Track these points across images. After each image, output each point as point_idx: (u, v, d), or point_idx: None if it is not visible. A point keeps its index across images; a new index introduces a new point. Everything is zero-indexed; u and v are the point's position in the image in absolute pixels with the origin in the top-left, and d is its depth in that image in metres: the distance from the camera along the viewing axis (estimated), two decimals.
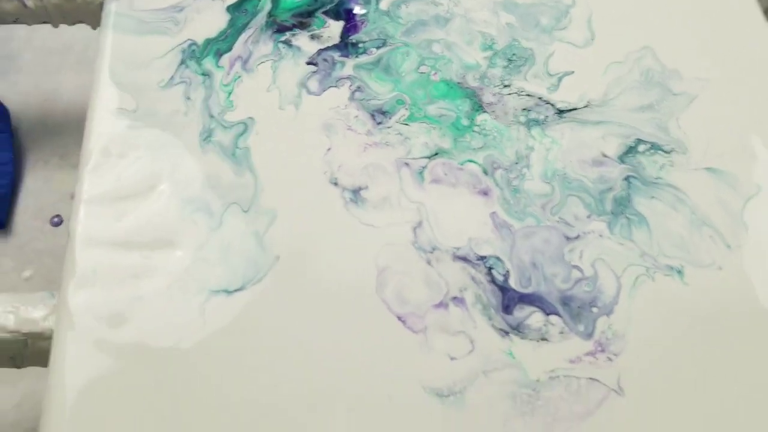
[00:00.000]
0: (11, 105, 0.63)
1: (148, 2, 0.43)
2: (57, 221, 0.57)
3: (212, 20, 0.43)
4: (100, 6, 0.49)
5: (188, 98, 0.39)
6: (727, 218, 0.36)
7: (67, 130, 0.61)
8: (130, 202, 0.36)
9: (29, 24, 0.51)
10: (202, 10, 0.43)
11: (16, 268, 0.56)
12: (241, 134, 0.38)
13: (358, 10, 0.43)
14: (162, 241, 0.35)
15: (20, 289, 0.55)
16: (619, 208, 0.36)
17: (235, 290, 0.33)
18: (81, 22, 0.51)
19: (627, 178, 0.37)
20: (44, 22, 0.51)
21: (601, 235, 0.35)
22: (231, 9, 0.43)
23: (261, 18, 0.43)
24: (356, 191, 0.36)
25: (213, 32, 0.42)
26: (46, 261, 0.56)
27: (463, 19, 0.43)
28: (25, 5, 0.49)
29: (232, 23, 0.43)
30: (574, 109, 0.39)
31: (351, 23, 0.43)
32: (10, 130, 0.61)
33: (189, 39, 0.42)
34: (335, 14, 0.43)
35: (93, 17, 0.50)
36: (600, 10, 0.42)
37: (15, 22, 0.51)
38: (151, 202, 0.36)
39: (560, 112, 0.39)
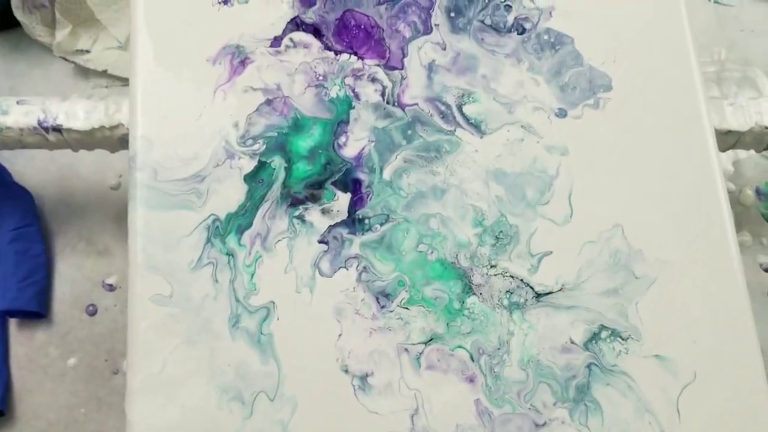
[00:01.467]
0: (30, 183, 0.67)
1: (171, 172, 0.47)
2: (92, 310, 0.63)
3: (232, 191, 0.47)
4: (119, 140, 0.53)
5: (216, 281, 0.45)
6: (666, 405, 0.43)
7: (88, 210, 0.65)
8: (174, 389, 0.43)
9: (50, 150, 0.54)
10: (222, 180, 0.47)
11: (62, 356, 0.63)
12: (264, 319, 0.44)
13: (363, 177, 0.47)
14: (204, 428, 0.42)
15: (68, 376, 0.63)
16: (580, 395, 0.43)
17: None
18: (100, 148, 0.54)
19: (589, 365, 0.44)
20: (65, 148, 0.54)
21: (563, 422, 0.43)
22: (248, 179, 0.47)
23: (276, 189, 0.47)
24: (363, 378, 0.43)
25: (233, 206, 0.46)
26: (89, 349, 0.63)
27: (457, 191, 0.47)
28: (47, 140, 0.52)
29: (250, 195, 0.47)
30: (551, 292, 0.45)
31: (358, 195, 0.47)
32: (37, 222, 0.65)
33: (212, 214, 0.46)
34: (343, 184, 0.47)
35: (111, 146, 0.53)
36: (580, 183, 0.47)
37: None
38: (193, 390, 0.43)
39: (538, 295, 0.45)
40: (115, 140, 0.53)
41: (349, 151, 0.47)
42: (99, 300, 0.63)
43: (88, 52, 0.65)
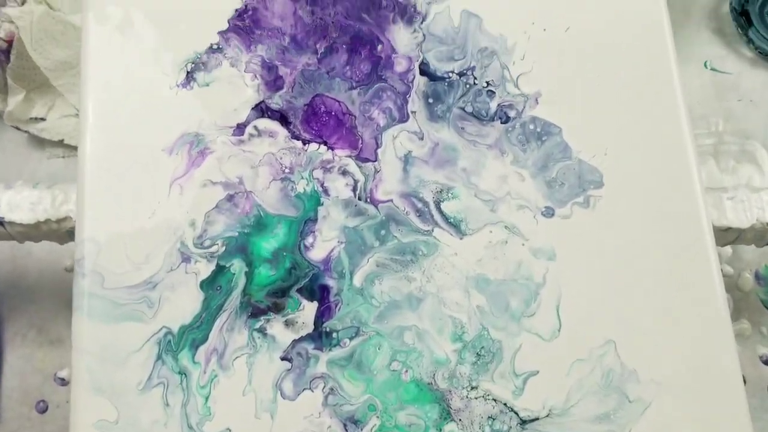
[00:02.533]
0: None
1: (120, 278, 0.42)
2: (43, 407, 0.58)
3: (187, 300, 0.42)
4: (68, 233, 0.48)
5: (167, 404, 0.40)
6: None
7: (41, 294, 0.60)
8: None
9: None
10: (176, 287, 0.42)
11: None
12: None
13: (332, 284, 0.42)
14: None
15: None
16: None
17: None
18: (47, 240, 0.49)
19: None
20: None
21: None
22: (204, 286, 0.42)
23: (235, 297, 0.42)
24: None
25: (188, 317, 0.41)
26: None
27: (435, 300, 0.42)
28: None
29: (206, 305, 0.42)
30: (537, 419, 0.40)
31: (325, 304, 0.42)
32: None
33: (164, 326, 0.41)
34: (309, 292, 0.42)
35: (59, 238, 0.48)
36: (569, 293, 0.42)
37: None
38: None
39: (523, 422, 0.40)
40: (63, 233, 0.48)
41: (317, 254, 0.42)
42: (50, 395, 0.58)
43: (43, 120, 0.59)
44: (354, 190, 0.43)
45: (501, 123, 0.44)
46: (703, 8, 0.69)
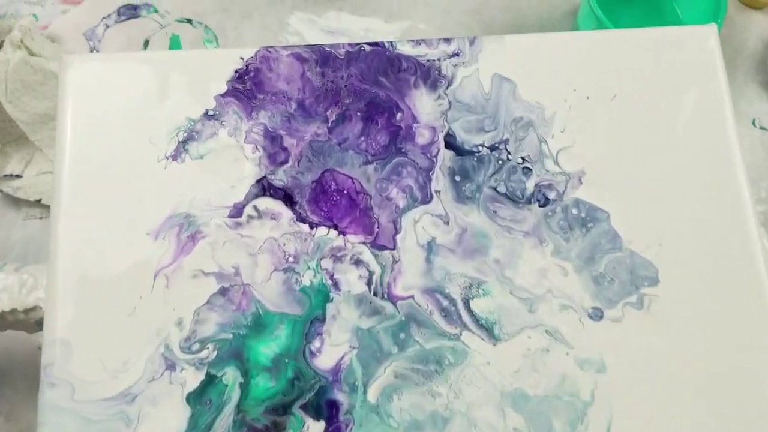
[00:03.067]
0: None
1: (94, 389, 0.35)
2: None
3: (170, 417, 0.35)
4: (36, 323, 0.41)
5: None
6: None
7: (10, 377, 0.53)
8: None
9: None
10: (158, 400, 0.35)
11: None
12: None
13: (342, 399, 0.35)
14: None
15: None
16: None
17: None
18: (14, 329, 0.42)
19: None
20: None
21: None
22: (192, 399, 0.35)
23: (227, 414, 0.35)
24: None
25: None
26: None
27: (464, 420, 0.35)
28: None
29: (193, 423, 0.35)
30: None
31: (334, 425, 0.35)
32: None
33: None
34: (315, 408, 0.35)
35: (27, 327, 0.42)
36: (622, 413, 0.35)
37: None
38: None
39: None
40: (32, 323, 0.41)
41: (325, 362, 0.35)
42: None
43: (19, 177, 0.53)
44: (369, 283, 0.37)
45: (539, 206, 0.38)
46: (750, 59, 0.63)
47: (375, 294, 0.37)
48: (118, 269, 0.37)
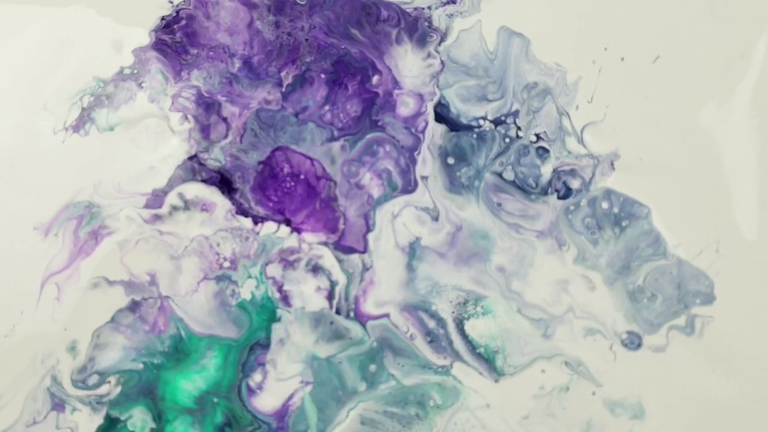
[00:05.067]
0: None
1: None
2: None
3: None
4: None
5: None
6: None
7: None
8: None
9: None
10: None
11: None
12: None
13: None
14: None
15: None
16: None
17: None
18: None
19: None
20: None
21: None
22: None
23: None
24: None
25: None
26: None
27: None
28: None
29: None
30: None
31: None
32: None
33: None
34: None
35: None
36: None
37: None
38: None
39: None
40: None
41: (267, 402, 0.31)
42: None
43: None
44: (330, 297, 0.32)
45: (558, 198, 0.32)
46: None
47: (338, 312, 0.32)
48: None
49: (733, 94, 0.35)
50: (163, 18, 0.35)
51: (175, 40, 0.35)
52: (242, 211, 0.33)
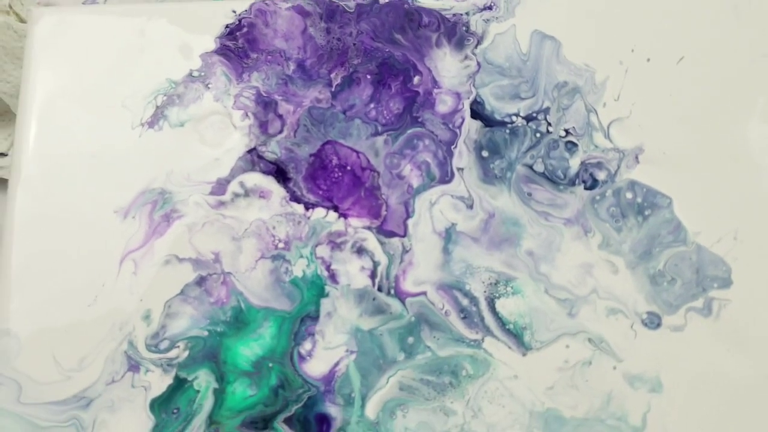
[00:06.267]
0: None
1: (44, 390, 0.33)
2: None
3: (130, 426, 0.33)
4: None
5: None
6: None
7: None
8: None
9: None
10: (117, 406, 0.33)
11: None
12: None
13: (335, 414, 0.33)
14: None
15: None
16: None
17: None
18: None
19: None
20: None
21: None
22: (156, 407, 0.33)
23: (197, 426, 0.33)
24: None
25: None
26: None
27: None
28: None
29: None
30: None
31: None
32: None
33: None
34: (303, 424, 0.33)
35: None
36: None
37: None
38: None
39: None
40: None
41: (316, 368, 0.33)
42: None
43: (4, 155, 0.52)
44: (372, 276, 0.34)
45: (585, 189, 0.35)
46: None
47: (380, 289, 0.35)
48: (79, 252, 0.35)
49: (756, 91, 0.38)
50: (227, 26, 0.40)
51: (238, 46, 0.40)
52: (295, 198, 0.38)
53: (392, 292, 0.35)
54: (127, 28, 0.39)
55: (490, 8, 0.38)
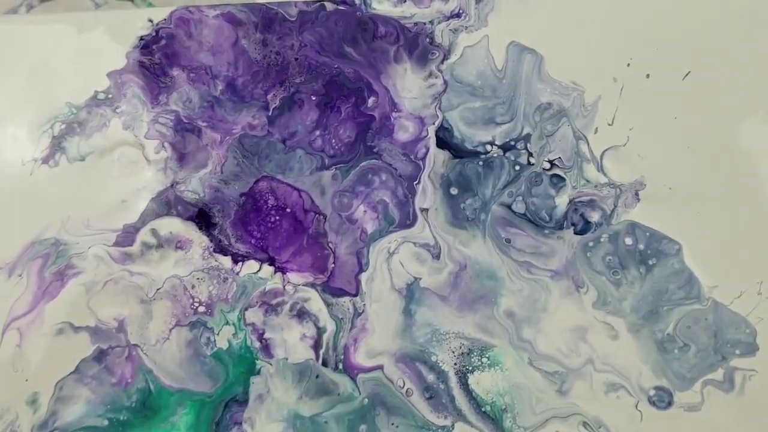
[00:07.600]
0: None
1: None
2: None
3: None
4: None
5: None
6: None
7: None
8: None
9: None
10: None
11: None
12: None
13: None
14: None
15: None
16: None
17: None
18: None
19: None
20: None
21: None
22: None
23: None
24: None
25: None
26: None
27: None
28: None
29: None
30: None
31: None
32: None
33: None
34: None
35: None
36: None
37: None
38: None
39: None
40: None
41: None
42: None
43: None
44: (316, 347, 0.28)
45: (575, 233, 0.29)
46: None
47: (325, 363, 0.29)
48: None
49: None
50: (141, 38, 0.33)
51: (154, 62, 0.33)
52: (221, 249, 0.31)
53: (340, 366, 0.29)
54: (16, 42, 0.33)
55: (458, 16, 0.33)
